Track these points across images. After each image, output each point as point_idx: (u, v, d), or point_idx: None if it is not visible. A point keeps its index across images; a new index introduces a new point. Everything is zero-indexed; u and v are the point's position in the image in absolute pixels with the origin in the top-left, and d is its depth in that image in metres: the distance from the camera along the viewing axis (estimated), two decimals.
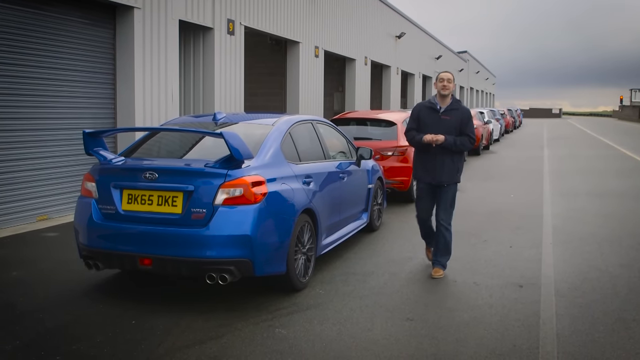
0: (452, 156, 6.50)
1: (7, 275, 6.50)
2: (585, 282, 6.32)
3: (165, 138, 6.63)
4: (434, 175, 6.50)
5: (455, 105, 6.54)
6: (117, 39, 10.75)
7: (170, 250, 5.24)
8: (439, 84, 6.48)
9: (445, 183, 6.50)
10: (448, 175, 6.49)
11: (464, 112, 6.55)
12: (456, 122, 6.44)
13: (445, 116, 6.45)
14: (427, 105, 6.59)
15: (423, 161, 6.58)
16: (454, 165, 6.51)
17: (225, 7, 13.63)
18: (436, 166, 6.47)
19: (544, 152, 24.95)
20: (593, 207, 11.01)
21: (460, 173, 6.60)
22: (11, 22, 8.77)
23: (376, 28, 26.35)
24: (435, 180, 6.50)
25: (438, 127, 6.41)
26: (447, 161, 6.47)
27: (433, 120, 6.45)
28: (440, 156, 6.45)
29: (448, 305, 5.60)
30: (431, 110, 6.53)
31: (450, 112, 6.48)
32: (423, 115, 6.54)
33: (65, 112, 9.83)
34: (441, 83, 6.46)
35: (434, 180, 6.50)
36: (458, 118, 6.46)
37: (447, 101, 6.50)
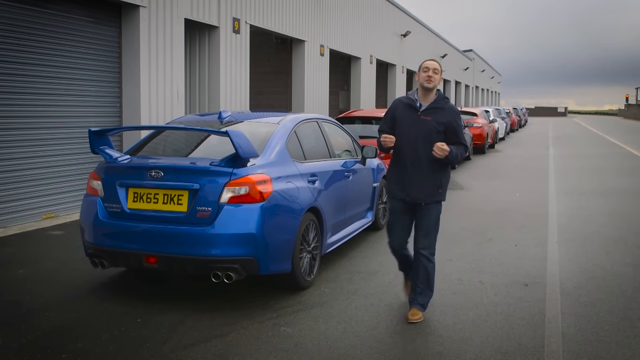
0: (435, 167, 5.10)
1: (14, 273, 6.52)
2: (590, 281, 6.31)
3: (170, 136, 6.64)
4: (408, 190, 5.13)
5: (440, 103, 5.15)
6: (122, 37, 10.78)
7: (175, 249, 5.25)
8: (422, 74, 5.12)
9: (423, 201, 5.13)
10: (426, 191, 5.11)
11: (450, 113, 5.16)
12: (438, 126, 5.08)
13: (425, 116, 5.09)
14: (405, 101, 5.25)
15: (396, 172, 5.27)
16: (435, 178, 5.11)
17: (231, 6, 13.64)
18: (412, 179, 5.10)
19: (549, 150, 24.90)
20: (598, 206, 10.99)
21: (444, 190, 5.21)
22: (17, 20, 8.79)
23: (381, 26, 26.33)
24: (410, 196, 5.13)
25: (415, 129, 5.09)
26: (427, 173, 5.10)
27: (410, 121, 5.13)
28: (417, 165, 5.09)
29: (453, 303, 5.60)
30: (409, 108, 5.18)
31: (433, 111, 5.11)
32: (399, 114, 5.22)
33: (71, 111, 9.85)
34: (425, 73, 5.10)
35: (408, 197, 5.15)
36: (442, 120, 5.09)
37: (430, 97, 5.15)
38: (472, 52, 56.55)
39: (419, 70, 5.21)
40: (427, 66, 5.17)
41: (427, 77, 5.11)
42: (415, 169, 5.12)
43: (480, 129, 22.43)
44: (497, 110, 33.23)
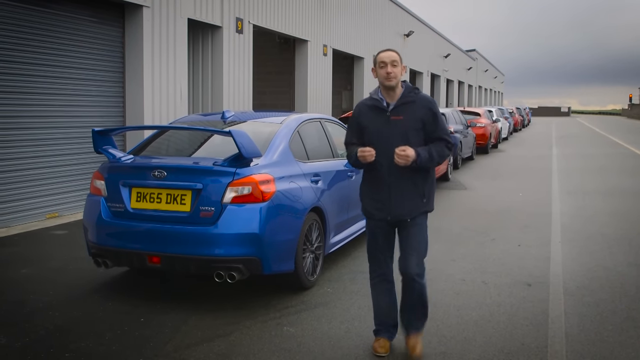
0: (413, 175, 4.34)
1: (17, 273, 6.54)
2: (593, 281, 6.30)
3: (174, 136, 6.65)
4: (388, 207, 4.38)
5: (410, 96, 4.37)
6: (126, 37, 10.79)
7: (178, 248, 5.25)
8: (379, 70, 4.35)
9: (408, 217, 4.38)
10: (410, 204, 4.38)
11: (424, 103, 4.38)
12: (414, 123, 4.32)
13: (396, 116, 4.33)
14: (369, 103, 4.45)
15: (371, 188, 4.48)
16: (416, 188, 4.38)
17: (234, 6, 13.64)
18: (390, 194, 4.36)
19: (552, 150, 24.87)
20: (602, 206, 10.97)
21: (430, 199, 4.48)
22: (21, 20, 8.81)
23: (384, 26, 26.32)
24: (392, 214, 4.38)
25: (387, 134, 4.32)
26: (406, 184, 4.35)
27: (380, 125, 4.35)
28: (395, 177, 4.33)
29: (456, 303, 5.60)
30: (375, 111, 4.40)
31: (403, 108, 4.34)
32: (365, 120, 4.43)
33: (75, 111, 9.87)
34: (382, 69, 4.32)
35: (389, 216, 4.39)
36: (416, 116, 4.33)
37: (396, 93, 4.37)
38: (475, 51, 56.50)
39: (375, 65, 4.42)
40: (382, 60, 4.34)
41: (386, 73, 4.32)
42: (394, 181, 4.34)
43: (483, 129, 22.41)
44: (500, 110, 33.22)
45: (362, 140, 4.44)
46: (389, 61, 4.34)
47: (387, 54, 4.39)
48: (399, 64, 4.37)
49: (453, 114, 18.66)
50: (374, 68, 4.45)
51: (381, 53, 4.42)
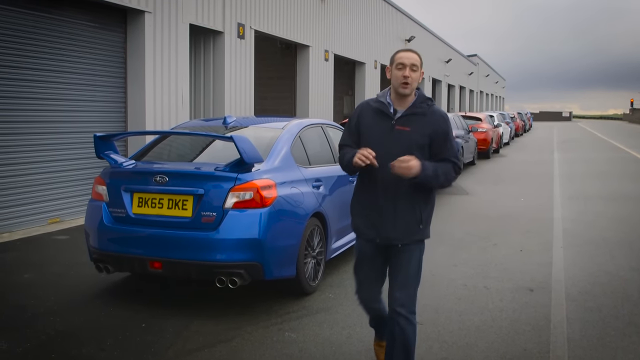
0: (412, 194, 3.77)
1: (19, 278, 6.54)
2: (596, 286, 6.29)
3: (175, 142, 6.65)
4: (378, 227, 3.82)
5: (421, 107, 3.79)
6: (128, 42, 10.81)
7: (180, 254, 5.25)
8: (396, 72, 3.75)
9: (399, 242, 3.80)
10: (403, 228, 3.78)
11: (436, 119, 3.80)
12: (420, 138, 3.74)
13: (402, 126, 3.75)
14: (374, 105, 3.87)
15: (362, 203, 3.93)
16: (414, 211, 3.79)
17: (236, 11, 13.67)
18: (384, 212, 3.79)
19: (554, 155, 24.86)
20: (604, 211, 10.96)
21: (426, 225, 3.89)
22: (22, 25, 8.83)
23: (386, 32, 26.35)
24: (382, 236, 3.82)
25: (388, 144, 3.74)
26: (402, 203, 3.77)
27: (382, 133, 3.78)
28: (391, 194, 3.76)
29: (458, 309, 5.59)
30: (380, 115, 3.83)
31: (412, 119, 3.76)
32: (366, 123, 3.86)
33: (76, 116, 9.89)
34: (400, 71, 3.72)
35: (378, 237, 3.83)
36: (425, 131, 3.75)
37: (407, 101, 3.80)
38: (476, 57, 56.57)
39: (390, 65, 3.81)
40: (402, 61, 3.73)
41: (403, 77, 3.71)
42: (389, 198, 3.77)
43: (484, 134, 22.41)
44: (501, 115, 33.22)
45: (359, 145, 3.86)
46: (409, 64, 3.70)
47: (407, 54, 3.77)
48: (418, 68, 3.75)
49: (455, 119, 18.66)
50: (388, 68, 3.85)
51: (400, 53, 3.80)
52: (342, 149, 4.03)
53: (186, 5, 11.82)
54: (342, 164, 3.99)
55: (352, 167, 3.83)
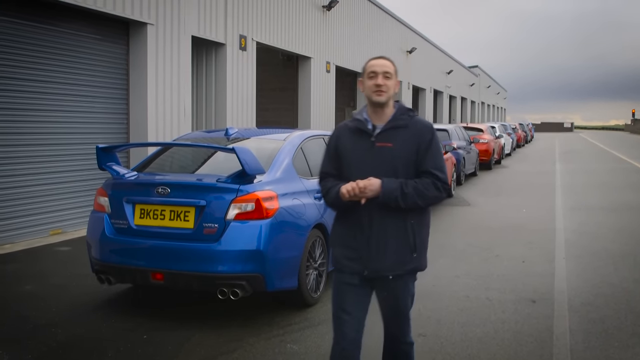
0: (403, 219, 3.37)
1: (20, 289, 6.53)
2: (598, 297, 6.27)
3: (177, 153, 6.67)
4: (366, 258, 3.39)
5: (402, 119, 3.44)
6: (130, 54, 10.86)
7: (182, 265, 5.25)
8: (367, 81, 3.43)
9: (390, 273, 3.40)
10: (394, 257, 3.38)
11: (420, 130, 3.44)
12: (407, 153, 3.38)
13: (383, 142, 3.39)
14: (351, 125, 3.51)
15: (345, 231, 3.49)
16: (405, 237, 3.38)
17: (238, 23, 13.73)
18: (369, 241, 3.38)
19: (556, 166, 24.85)
20: (606, 222, 10.94)
21: (421, 252, 3.46)
22: (25, 37, 8.88)
23: (387, 43, 26.43)
24: (370, 268, 3.39)
25: (371, 164, 3.37)
26: (392, 229, 3.37)
27: (362, 153, 3.42)
28: (376, 220, 3.37)
29: (461, 320, 5.57)
30: (357, 134, 3.47)
31: (393, 134, 3.40)
32: (345, 145, 3.49)
33: (79, 127, 9.91)
34: (372, 80, 3.41)
35: (367, 269, 3.39)
36: (409, 144, 3.39)
37: (385, 114, 3.45)
38: (477, 68, 56.69)
39: (362, 76, 3.49)
40: (373, 69, 3.41)
41: (376, 86, 3.38)
42: (377, 224, 3.36)
43: (486, 145, 22.42)
44: (503, 126, 33.25)
45: (341, 172, 3.48)
46: (381, 71, 3.40)
47: (379, 61, 3.44)
48: (392, 76, 3.43)
49: (456, 130, 18.69)
50: (361, 79, 3.52)
51: (372, 61, 3.48)
52: (323, 180, 3.55)
53: (188, 17, 11.88)
54: (328, 201, 3.51)
55: (340, 203, 3.39)
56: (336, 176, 3.50)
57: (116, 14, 10.04)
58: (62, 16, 9.42)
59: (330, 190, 3.45)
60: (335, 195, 3.39)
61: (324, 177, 3.56)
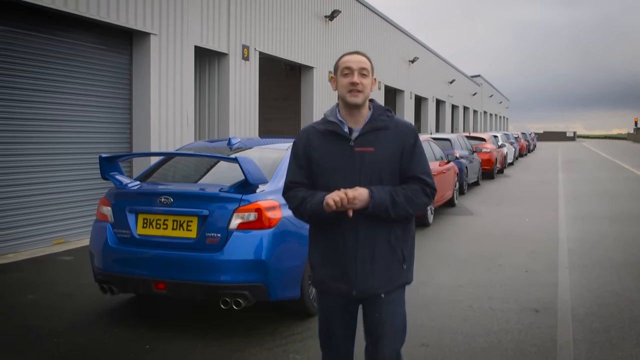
0: (389, 230, 3.10)
1: (23, 299, 6.53)
2: (602, 307, 6.25)
3: (180, 163, 6.68)
4: (353, 278, 3.09)
5: (381, 119, 3.13)
6: (133, 64, 10.90)
7: (184, 275, 5.24)
8: (341, 79, 3.10)
9: (380, 291, 3.13)
10: (384, 273, 3.12)
11: (401, 130, 3.14)
12: (391, 158, 3.08)
13: (363, 147, 3.07)
14: (322, 128, 3.17)
15: (327, 248, 3.17)
16: (393, 250, 3.12)
17: (240, 33, 13.78)
18: (356, 258, 3.08)
19: (558, 175, 24.82)
20: (609, 231, 10.92)
21: (410, 264, 3.24)
22: (28, 47, 8.92)
23: (390, 53, 26.50)
24: (359, 287, 3.10)
25: (350, 171, 3.05)
26: (379, 243, 3.10)
27: (340, 159, 3.08)
28: (361, 234, 3.07)
29: (463, 330, 5.55)
30: (331, 138, 3.13)
31: (373, 136, 3.09)
32: (317, 151, 3.14)
33: (82, 137, 9.94)
34: (346, 78, 3.08)
35: (355, 289, 3.11)
36: (393, 148, 3.09)
37: (361, 115, 3.14)
38: (480, 77, 56.77)
39: (335, 73, 3.17)
40: (348, 65, 3.08)
41: (351, 85, 3.06)
42: (362, 238, 3.06)
43: (489, 154, 22.42)
44: (505, 135, 33.27)
45: (310, 179, 3.15)
46: (357, 68, 3.07)
47: (354, 57, 3.11)
48: (369, 73, 3.11)
49: (459, 139, 18.68)
50: (333, 77, 3.18)
51: (346, 56, 3.13)
52: (290, 190, 3.18)
53: (191, 28, 11.92)
54: (302, 213, 3.12)
55: (320, 215, 3.01)
56: (307, 186, 3.14)
57: (120, 24, 10.09)
58: (65, 26, 9.46)
59: (307, 200, 3.07)
60: (316, 206, 3.00)
61: (292, 186, 3.19)
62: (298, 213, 3.16)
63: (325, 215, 2.99)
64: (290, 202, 3.18)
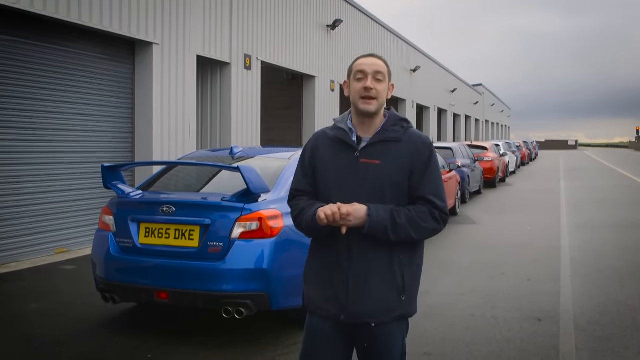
0: (390, 253, 2.78)
1: (25, 308, 6.53)
2: (605, 315, 6.24)
3: (182, 172, 6.69)
4: (344, 300, 2.80)
5: (394, 130, 2.85)
6: (135, 73, 10.93)
7: (186, 284, 5.24)
8: (355, 84, 2.83)
9: (373, 320, 2.80)
10: (378, 299, 2.79)
11: (416, 143, 2.84)
12: (398, 172, 2.78)
13: (369, 159, 2.79)
14: (332, 134, 2.92)
15: (321, 265, 2.92)
16: (393, 276, 2.79)
17: (242, 43, 13.82)
18: (349, 277, 2.79)
19: (560, 184, 24.81)
20: (611, 239, 10.90)
21: (412, 294, 2.88)
22: (31, 57, 8.96)
23: (391, 62, 26.18)
24: (348, 311, 2.80)
25: (352, 183, 2.80)
26: (376, 265, 2.79)
27: (344, 169, 2.83)
28: (357, 253, 2.79)
29: (466, 339, 5.54)
30: (339, 146, 2.88)
31: (382, 148, 2.82)
32: (322, 158, 2.91)
33: (85, 146, 9.96)
34: (359, 83, 2.81)
35: (343, 313, 2.80)
36: (401, 162, 2.79)
37: (374, 124, 2.87)
38: (481, 86, 56.83)
39: (348, 77, 2.90)
40: (362, 69, 2.82)
41: (365, 90, 2.79)
42: (356, 259, 2.79)
43: (491, 163, 22.43)
44: (507, 144, 33.28)
45: (314, 187, 2.94)
46: (371, 71, 2.80)
47: (369, 60, 2.85)
48: (385, 78, 2.84)
49: (460, 148, 18.70)
50: (346, 82, 2.92)
51: (360, 59, 2.87)
52: (294, 198, 2.98)
53: (193, 37, 11.97)
54: (300, 224, 2.91)
55: (315, 229, 2.79)
56: (312, 194, 2.93)
57: (122, 34, 10.14)
58: (68, 36, 9.50)
59: (305, 211, 2.85)
60: (311, 218, 2.77)
61: (296, 194, 2.97)
62: (297, 224, 2.93)
63: (320, 229, 2.76)
64: (292, 211, 2.97)
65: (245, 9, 13.92)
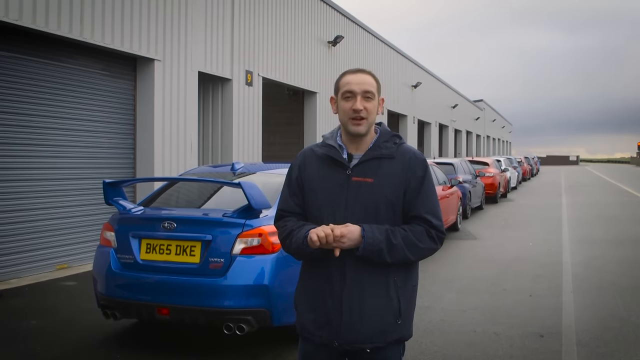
0: (385, 275, 2.70)
1: (26, 324, 6.51)
2: (607, 331, 6.21)
3: (183, 188, 6.70)
4: (336, 325, 2.71)
5: (386, 147, 2.75)
6: (137, 90, 10.98)
7: (187, 300, 5.24)
8: (343, 103, 2.75)
9: (368, 346, 2.71)
10: (373, 324, 2.69)
11: (410, 160, 2.75)
12: (392, 191, 2.69)
13: (361, 177, 2.70)
14: (321, 152, 2.82)
15: (312, 289, 2.84)
16: (387, 298, 2.70)
17: (244, 59, 13.89)
18: (342, 302, 2.70)
19: (562, 199, 24.78)
20: (613, 255, 10.88)
21: (407, 318, 2.79)
22: (33, 73, 9.00)
23: (393, 78, 26.64)
24: (342, 337, 2.70)
25: (345, 202, 2.70)
26: (370, 288, 2.70)
27: (334, 189, 2.72)
28: (351, 276, 2.69)
29: (468, 355, 5.52)
30: (329, 164, 2.77)
31: (374, 165, 2.72)
32: (311, 176, 2.80)
33: (86, 162, 9.99)
34: (348, 103, 2.73)
35: (337, 339, 2.71)
36: (395, 179, 2.70)
37: (365, 141, 2.77)
38: (482, 102, 56.97)
39: (336, 93, 2.81)
40: (349, 88, 2.72)
41: (354, 112, 2.69)
42: (350, 282, 2.69)
43: (492, 179, 22.43)
44: (508, 160, 33.28)
45: (302, 207, 2.81)
46: (360, 91, 2.70)
47: (357, 77, 2.74)
48: (374, 95, 2.73)
49: (462, 163, 18.72)
50: (333, 98, 2.83)
51: (347, 75, 2.77)
52: (281, 219, 2.84)
53: (195, 53, 12.03)
54: (289, 247, 2.77)
55: (305, 251, 2.68)
56: (299, 215, 2.80)
57: (124, 51, 10.19)
58: (70, 52, 9.56)
59: (294, 233, 2.71)
60: (301, 240, 2.66)
61: (283, 215, 2.84)
62: (285, 246, 2.79)
63: (310, 252, 2.65)
64: (279, 233, 2.82)
65: (246, 25, 14.00)
